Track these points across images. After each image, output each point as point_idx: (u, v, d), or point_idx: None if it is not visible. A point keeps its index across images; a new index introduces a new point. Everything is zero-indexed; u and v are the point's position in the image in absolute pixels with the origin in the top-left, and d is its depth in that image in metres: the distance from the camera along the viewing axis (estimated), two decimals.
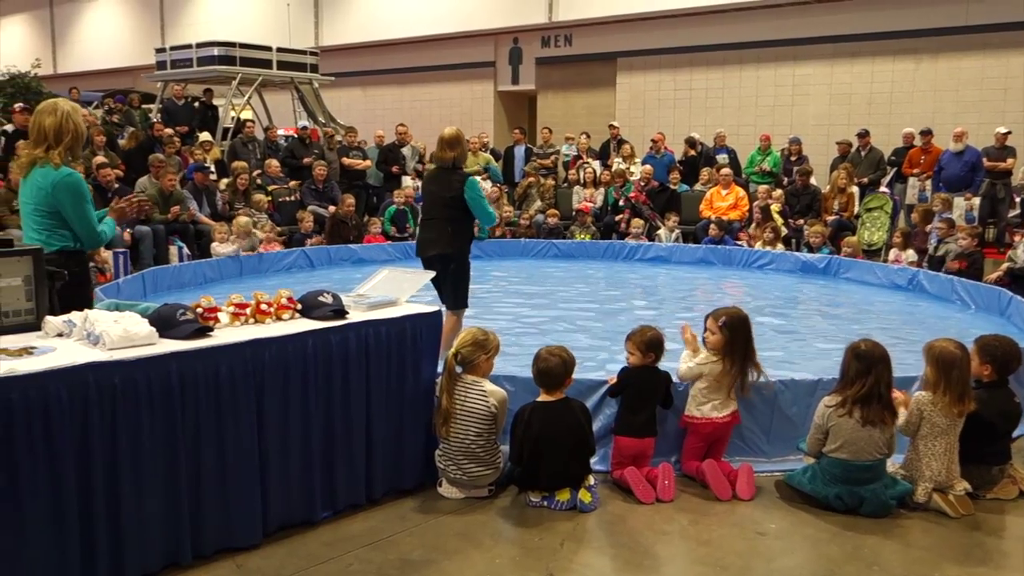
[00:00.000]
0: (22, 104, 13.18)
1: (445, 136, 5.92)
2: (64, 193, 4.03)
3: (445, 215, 5.82)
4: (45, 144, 4.05)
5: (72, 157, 4.15)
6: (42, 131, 4.06)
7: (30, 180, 4.08)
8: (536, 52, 19.48)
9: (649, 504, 4.03)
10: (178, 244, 10.75)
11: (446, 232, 5.81)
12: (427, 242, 5.93)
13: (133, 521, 3.17)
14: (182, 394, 3.26)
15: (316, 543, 3.62)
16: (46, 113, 4.09)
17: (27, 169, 4.09)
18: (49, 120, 4.06)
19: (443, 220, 5.82)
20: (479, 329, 4.27)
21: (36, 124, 4.09)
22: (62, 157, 4.05)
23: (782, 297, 9.46)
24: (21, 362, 2.98)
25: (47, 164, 4.03)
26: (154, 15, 26.12)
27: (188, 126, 14.75)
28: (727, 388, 4.30)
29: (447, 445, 4.08)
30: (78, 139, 4.14)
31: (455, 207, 5.78)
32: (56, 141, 4.05)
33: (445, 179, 5.87)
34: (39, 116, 4.11)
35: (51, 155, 4.03)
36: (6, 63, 20.95)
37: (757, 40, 16.21)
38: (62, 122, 4.07)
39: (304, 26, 21.72)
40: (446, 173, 5.90)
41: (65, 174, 4.05)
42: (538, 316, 8.17)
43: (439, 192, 5.88)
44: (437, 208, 5.89)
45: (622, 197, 13.12)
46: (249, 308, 3.76)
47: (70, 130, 4.09)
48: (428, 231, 5.95)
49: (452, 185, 5.79)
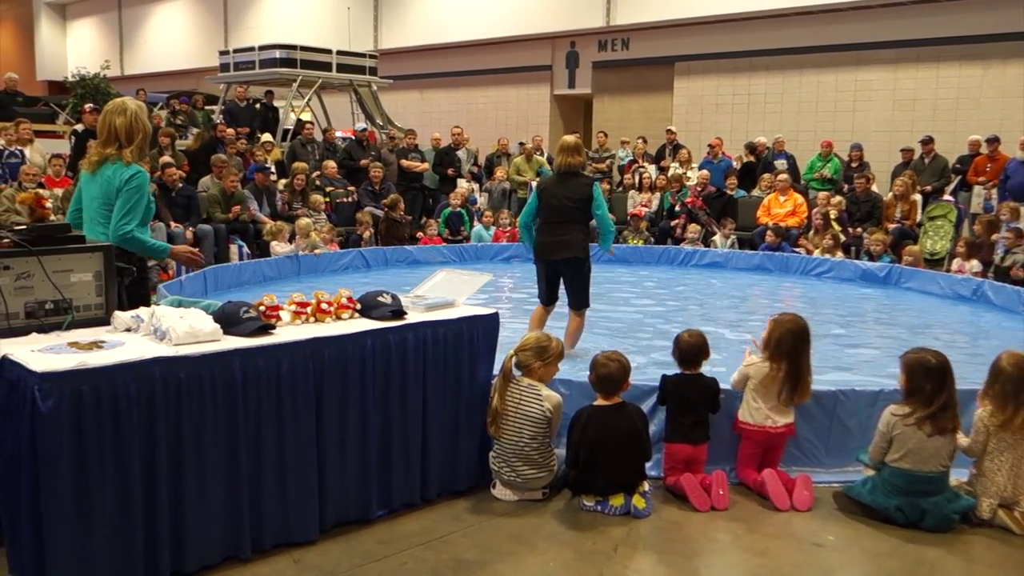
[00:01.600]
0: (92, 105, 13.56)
1: (570, 143, 6.19)
2: (133, 188, 4.12)
3: (576, 218, 6.07)
4: (116, 143, 4.15)
5: (141, 156, 4.24)
6: (113, 130, 4.15)
7: (99, 177, 4.16)
8: (593, 56, 19.43)
9: (704, 512, 3.99)
10: (238, 243, 10.96)
11: (578, 235, 6.07)
12: (559, 245, 6.12)
13: (195, 513, 3.24)
14: (244, 390, 3.32)
15: (371, 541, 3.66)
16: (116, 113, 4.18)
17: (97, 167, 4.18)
18: (120, 120, 4.15)
19: (574, 223, 6.08)
20: (544, 335, 4.29)
21: (106, 123, 4.18)
22: (134, 155, 4.16)
23: (841, 305, 9.29)
24: (91, 355, 3.07)
25: (119, 161, 4.12)
26: (218, 18, 26.66)
27: (249, 127, 15.03)
28: (776, 394, 4.21)
29: (500, 447, 4.10)
30: (147, 138, 4.24)
31: (584, 210, 6.06)
32: (128, 140, 4.15)
33: (573, 183, 6.08)
34: (109, 116, 4.19)
35: (123, 153, 4.13)
36: (76, 65, 21.59)
37: (818, 44, 15.95)
38: (132, 121, 4.17)
39: (364, 29, 21.98)
40: (573, 178, 6.12)
41: (136, 170, 4.14)
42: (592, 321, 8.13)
43: (568, 195, 6.06)
44: (566, 212, 6.07)
45: (678, 202, 13.02)
46: (310, 307, 3.82)
47: (140, 129, 4.18)
48: (557, 235, 6.12)
49: (581, 189, 6.04)
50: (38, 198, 3.82)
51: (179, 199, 10.83)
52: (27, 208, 3.80)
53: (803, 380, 4.23)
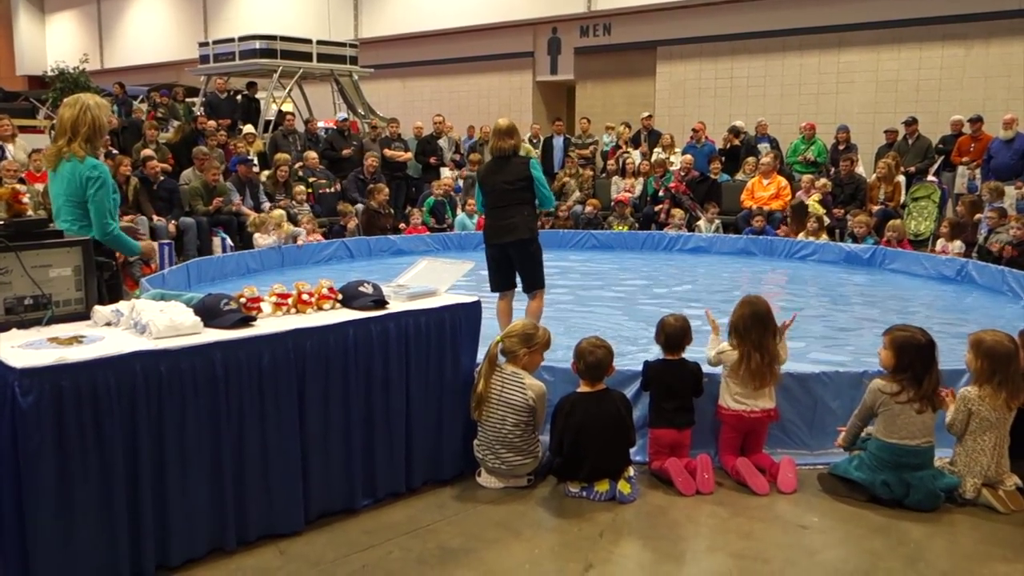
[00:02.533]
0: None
1: (502, 126, 6.10)
2: (91, 183, 4.15)
3: (517, 200, 5.99)
4: (66, 136, 4.19)
5: (93, 149, 4.25)
6: (62, 124, 4.20)
7: (59, 173, 4.22)
8: (575, 42, 19.38)
9: (689, 496, 4.01)
10: (221, 235, 10.90)
11: (523, 217, 5.99)
12: (504, 230, 6.03)
13: (179, 507, 3.23)
14: (226, 382, 3.31)
15: (357, 530, 3.66)
16: (67, 106, 4.25)
17: (54, 161, 4.23)
18: (67, 113, 4.20)
19: (516, 205, 6.00)
20: (531, 322, 4.29)
21: (59, 118, 4.28)
22: (84, 148, 4.18)
23: (825, 288, 9.34)
24: (71, 350, 3.05)
25: (72, 156, 4.16)
26: (197, 9, 26.45)
27: (230, 119, 14.91)
28: (747, 377, 4.21)
29: (484, 434, 4.10)
30: (96, 131, 4.25)
31: (525, 190, 5.98)
32: (73, 133, 4.19)
33: (508, 166, 6.02)
34: (61, 109, 4.28)
35: (72, 147, 4.16)
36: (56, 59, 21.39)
37: (800, 27, 15.96)
38: (79, 114, 4.20)
39: (344, 19, 21.85)
40: (506, 161, 6.06)
41: (92, 165, 4.18)
42: (575, 307, 8.15)
43: (506, 179, 6.00)
44: (506, 195, 6.01)
45: (662, 187, 13.03)
46: (291, 298, 3.80)
47: (87, 122, 4.20)
48: (502, 219, 6.05)
49: (518, 170, 5.98)
50: (15, 193, 3.79)
51: (161, 192, 10.76)
52: (4, 204, 3.76)
53: (772, 356, 4.23)
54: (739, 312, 4.31)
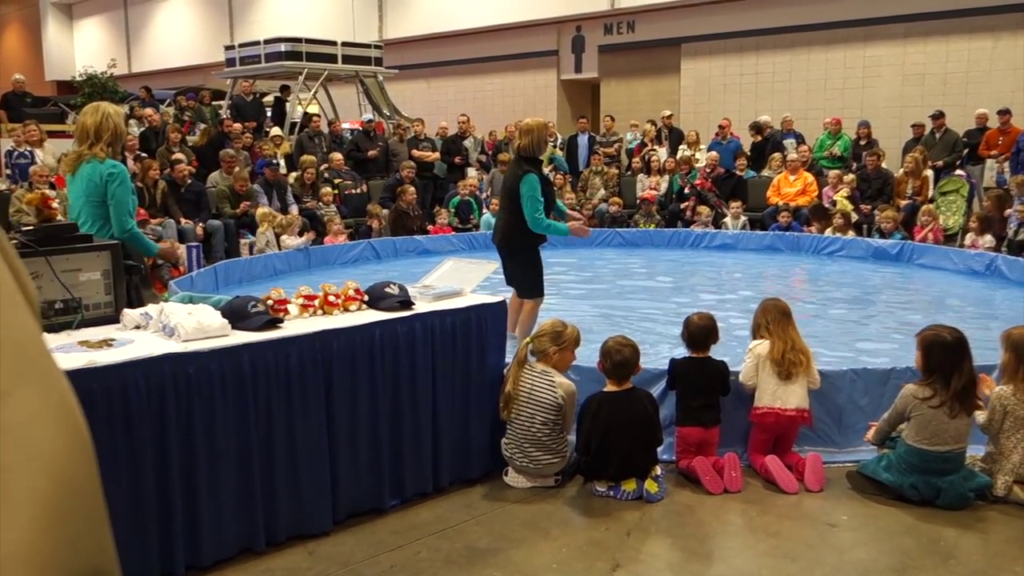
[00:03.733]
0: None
1: (521, 124, 5.95)
2: (112, 180, 4.28)
3: (507, 206, 5.84)
4: (88, 141, 4.32)
5: (113, 152, 4.40)
6: (85, 130, 4.34)
7: (79, 175, 4.34)
8: (599, 40, 19.33)
9: (717, 495, 3.99)
10: (249, 238, 10.98)
11: (509, 223, 5.82)
12: (496, 231, 6.01)
13: (209, 508, 3.26)
14: (254, 384, 3.34)
15: (385, 531, 3.68)
16: (88, 114, 4.38)
17: (74, 165, 4.36)
18: (90, 119, 4.35)
19: (507, 210, 5.84)
20: (560, 321, 4.27)
21: (80, 124, 4.40)
22: (105, 152, 4.33)
23: (853, 284, 9.25)
24: (101, 353, 3.09)
25: (93, 159, 4.29)
26: (223, 13, 26.67)
27: (257, 121, 15.03)
28: (775, 367, 4.19)
29: (513, 433, 4.10)
30: (117, 136, 4.42)
31: (516, 199, 5.74)
32: (97, 138, 4.33)
33: (513, 170, 5.89)
34: (82, 117, 4.40)
35: (95, 150, 4.31)
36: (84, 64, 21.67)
37: (825, 21, 15.82)
38: (102, 120, 4.35)
39: (368, 20, 21.94)
40: (515, 163, 5.94)
41: (111, 164, 4.32)
42: (602, 306, 8.14)
43: (506, 182, 5.92)
44: (503, 198, 5.93)
45: (687, 184, 12.96)
46: (318, 300, 3.83)
47: (110, 128, 4.36)
48: (497, 219, 6.03)
49: (512, 178, 5.79)
50: (44, 198, 3.86)
51: (188, 195, 10.85)
52: (34, 208, 3.83)
53: (798, 346, 4.22)
54: (762, 309, 4.39)
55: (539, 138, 5.79)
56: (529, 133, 5.74)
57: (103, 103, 4.51)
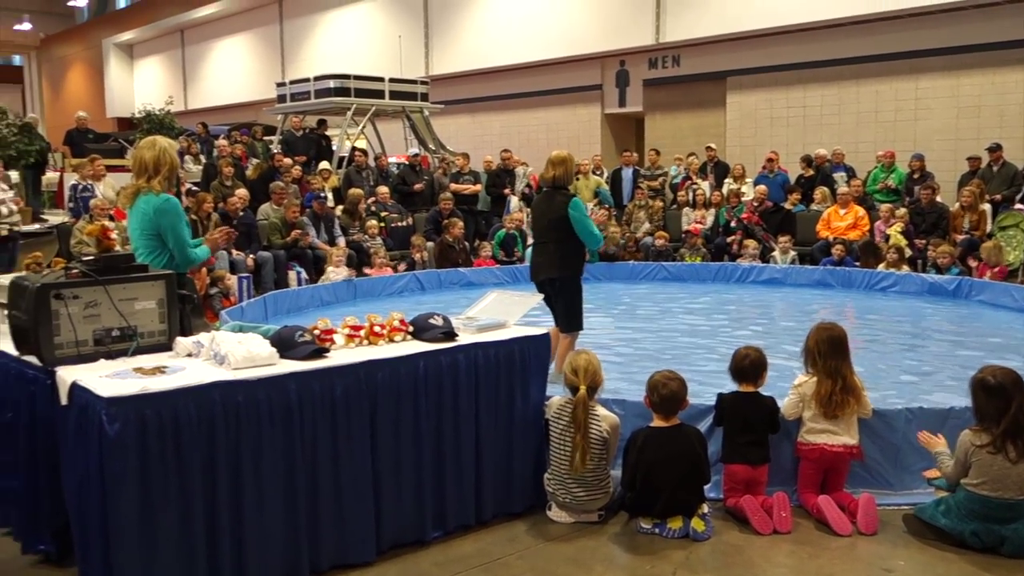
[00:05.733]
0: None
1: (551, 157, 5.96)
2: (163, 215, 4.36)
3: (553, 237, 5.82)
4: (146, 175, 4.42)
5: (169, 186, 4.50)
6: (143, 164, 4.44)
7: (135, 208, 4.44)
8: (643, 74, 19.39)
9: (766, 535, 3.90)
10: (297, 269, 11.13)
11: (555, 255, 5.80)
12: (537, 266, 5.96)
13: (255, 534, 3.28)
14: (300, 412, 3.37)
15: (427, 562, 3.66)
16: (146, 148, 4.49)
17: (132, 199, 4.47)
18: (149, 154, 4.45)
19: (551, 243, 5.83)
20: (590, 353, 4.21)
21: (138, 158, 4.49)
22: (161, 185, 4.43)
23: (908, 321, 9.06)
24: (154, 380, 3.14)
25: (149, 192, 4.39)
26: (275, 51, 27.32)
27: (306, 155, 15.30)
28: (826, 404, 4.10)
29: (556, 468, 4.06)
30: (174, 170, 4.53)
31: (561, 228, 5.75)
32: (155, 171, 4.43)
33: (549, 200, 5.87)
34: (140, 151, 4.51)
35: (152, 184, 4.40)
36: (143, 101, 22.31)
37: (875, 54, 15.66)
38: (159, 155, 4.45)
39: (415, 56, 22.29)
40: (550, 194, 5.92)
41: (164, 198, 4.41)
42: (646, 340, 8.07)
43: (545, 214, 5.89)
44: (545, 231, 5.90)
45: (734, 218, 12.87)
46: (363, 330, 3.85)
47: (167, 162, 4.46)
48: (538, 254, 5.98)
49: (557, 207, 5.78)
50: (104, 229, 3.95)
51: (240, 227, 11.04)
52: (94, 239, 3.92)
53: (849, 384, 4.12)
54: (815, 336, 4.23)
55: (571, 169, 5.99)
56: (563, 164, 5.88)
57: (159, 138, 4.62)
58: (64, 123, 18.96)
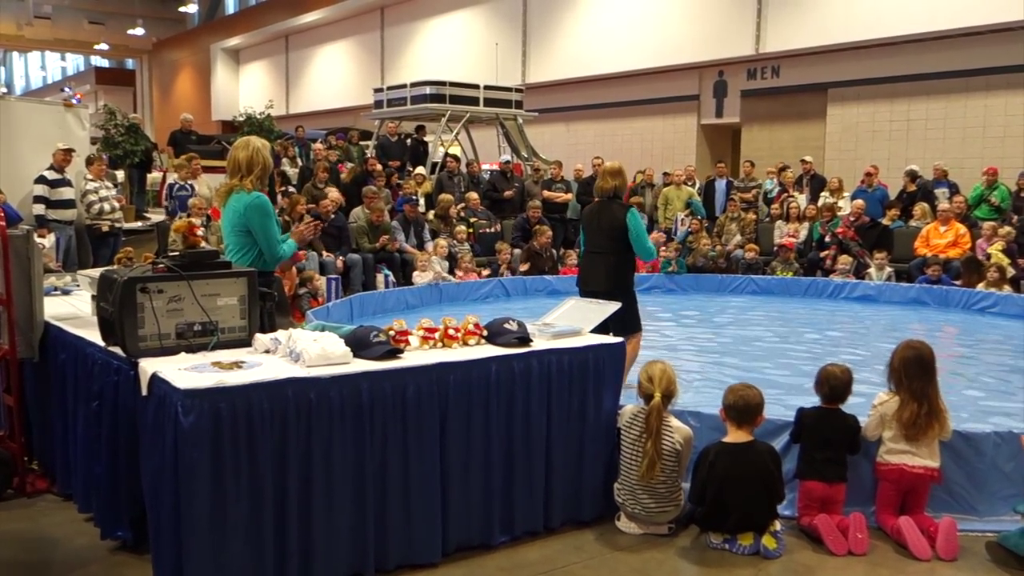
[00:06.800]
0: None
1: (607, 167, 6.00)
2: (253, 212, 4.43)
3: (610, 248, 5.81)
4: (239, 174, 4.51)
5: (261, 184, 4.57)
6: (237, 163, 4.52)
7: (228, 206, 4.54)
8: (742, 84, 19.08)
9: (840, 556, 3.78)
10: (385, 272, 11.34)
11: (611, 266, 5.79)
12: (588, 275, 5.93)
13: (323, 530, 3.35)
14: (371, 411, 3.42)
15: (492, 566, 3.67)
16: (240, 148, 4.57)
17: (225, 197, 4.56)
18: (243, 154, 4.52)
19: (609, 253, 5.82)
20: (666, 363, 4.16)
21: (232, 158, 4.58)
22: (253, 184, 4.50)
23: (1006, 343, 8.65)
24: (231, 374, 3.24)
25: (241, 190, 4.47)
26: (375, 58, 27.93)
27: (400, 160, 15.57)
28: (908, 425, 3.95)
29: (626, 479, 4.03)
30: (266, 170, 4.60)
31: (619, 239, 5.76)
32: (248, 171, 4.50)
33: (608, 211, 5.86)
34: (234, 151, 4.59)
35: (244, 183, 4.48)
36: (246, 105, 23.11)
37: (985, 67, 15.04)
38: (252, 155, 4.52)
39: (512, 64, 22.46)
40: (606, 204, 5.90)
41: (255, 196, 4.47)
42: (726, 353, 7.93)
43: (602, 224, 5.86)
44: (601, 241, 5.87)
45: (828, 232, 12.51)
46: (438, 332, 3.90)
47: (259, 162, 4.53)
48: (591, 264, 5.95)
49: (614, 217, 5.78)
50: (190, 226, 4.10)
51: (331, 229, 11.32)
52: (180, 235, 4.08)
53: (934, 408, 3.96)
54: (901, 355, 4.09)
55: (626, 180, 6.12)
56: (619, 175, 5.95)
57: (253, 138, 4.72)
58: (171, 125, 19.76)
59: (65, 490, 4.33)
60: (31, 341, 4.37)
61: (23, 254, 4.31)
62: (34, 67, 55.80)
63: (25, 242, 4.34)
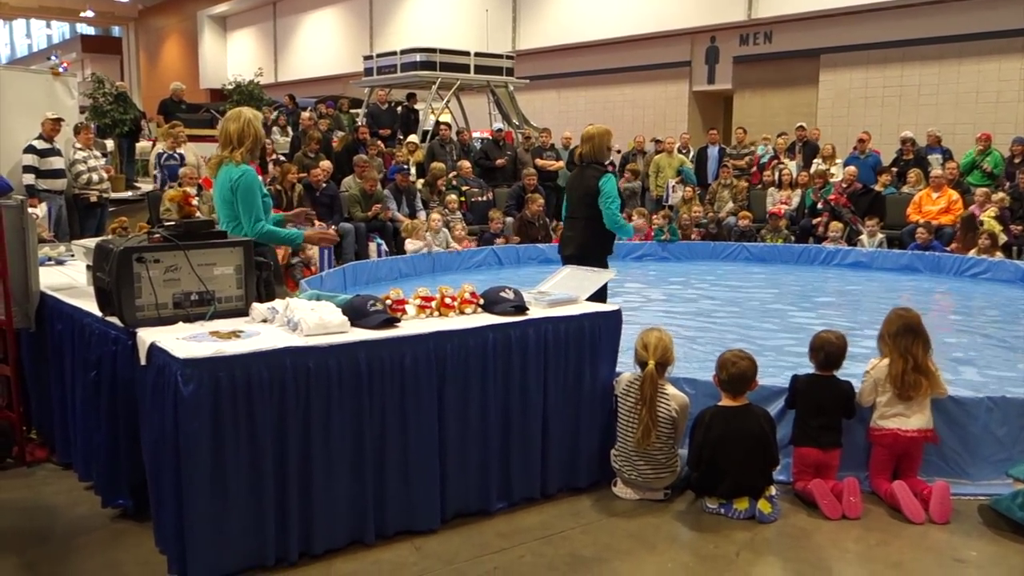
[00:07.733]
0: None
1: (583, 132, 5.90)
2: (237, 186, 4.38)
3: (581, 213, 5.75)
4: (230, 146, 4.47)
5: (252, 157, 4.54)
6: (228, 136, 4.48)
7: (218, 178, 4.51)
8: (734, 51, 18.96)
9: (834, 520, 3.83)
10: (377, 241, 11.31)
11: (582, 232, 5.74)
12: (564, 241, 5.90)
13: (323, 497, 3.37)
14: (369, 380, 3.43)
15: (491, 533, 3.70)
16: (231, 120, 4.53)
17: (216, 169, 4.52)
18: (233, 126, 4.48)
19: (581, 219, 5.76)
20: (662, 330, 4.17)
21: (223, 129, 4.54)
22: (243, 156, 4.46)
23: (997, 309, 8.71)
24: (229, 344, 3.25)
25: (230, 162, 4.43)
26: (364, 25, 27.62)
27: (391, 129, 15.47)
28: (899, 387, 3.99)
29: (623, 445, 4.06)
30: (257, 141, 4.55)
31: (592, 204, 5.67)
32: (239, 143, 4.46)
33: (583, 176, 5.80)
34: (225, 123, 4.55)
35: (234, 155, 4.44)
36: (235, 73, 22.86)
37: (979, 31, 14.96)
38: (243, 127, 4.47)
39: (502, 31, 22.24)
40: (582, 168, 5.84)
41: (242, 170, 4.42)
42: (721, 319, 7.96)
43: (577, 189, 5.82)
44: (577, 206, 5.83)
45: (820, 199, 12.52)
46: (434, 301, 3.90)
47: (251, 134, 4.48)
48: (568, 229, 5.91)
49: (588, 181, 5.71)
50: (185, 196, 4.08)
51: (323, 198, 11.28)
52: (176, 205, 4.06)
53: (922, 365, 4.00)
54: (888, 320, 4.16)
55: (600, 144, 5.82)
56: (591, 140, 5.78)
57: (245, 109, 4.67)
58: (160, 93, 19.55)
59: (64, 459, 4.35)
60: (27, 311, 4.37)
61: (17, 224, 4.29)
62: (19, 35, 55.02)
63: (19, 212, 4.32)
